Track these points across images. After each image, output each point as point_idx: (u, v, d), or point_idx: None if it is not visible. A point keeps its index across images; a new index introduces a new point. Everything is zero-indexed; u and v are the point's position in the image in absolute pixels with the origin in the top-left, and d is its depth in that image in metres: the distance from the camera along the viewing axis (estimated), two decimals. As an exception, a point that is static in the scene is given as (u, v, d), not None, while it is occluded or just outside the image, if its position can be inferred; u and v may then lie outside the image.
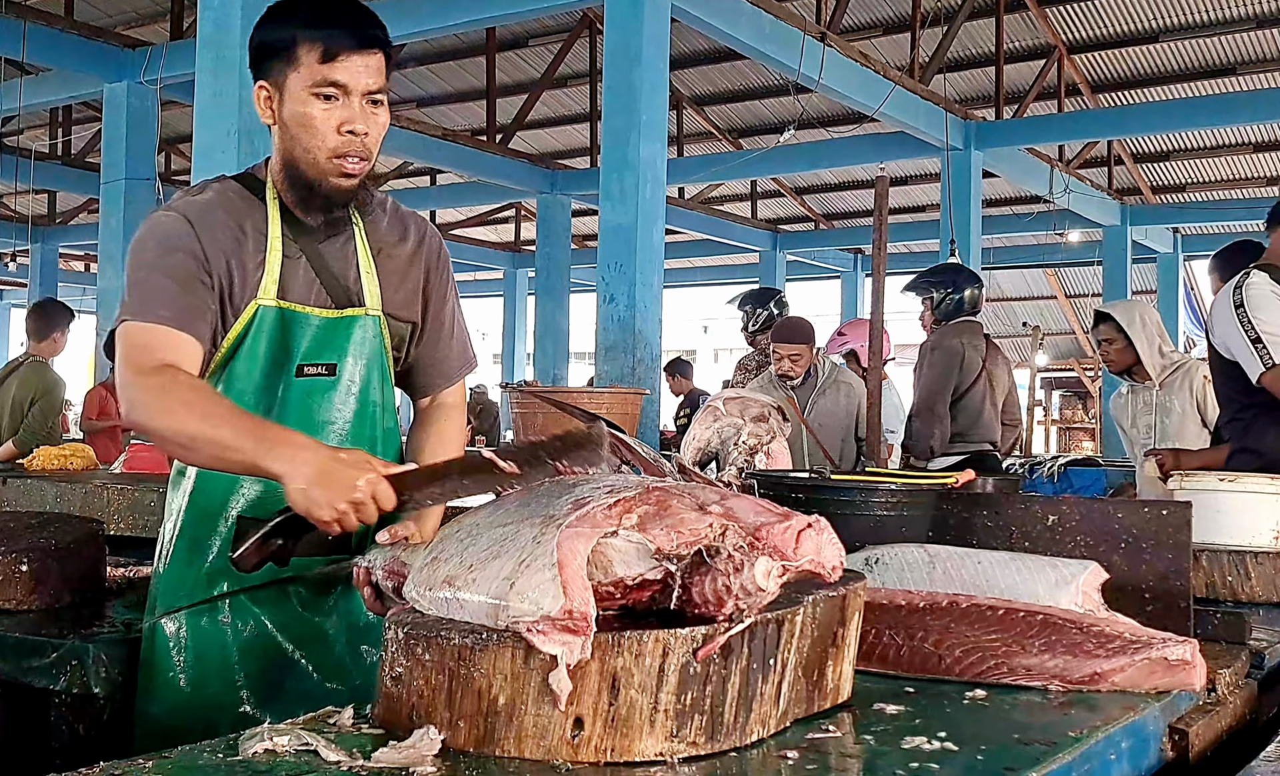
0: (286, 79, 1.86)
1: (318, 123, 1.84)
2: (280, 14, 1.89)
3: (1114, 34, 13.29)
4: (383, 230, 2.04)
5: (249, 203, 1.95)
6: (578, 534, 1.23)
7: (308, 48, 1.83)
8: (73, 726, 2.02)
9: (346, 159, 1.86)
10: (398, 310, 2.03)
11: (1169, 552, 1.78)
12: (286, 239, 1.94)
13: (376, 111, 1.89)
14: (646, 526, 1.26)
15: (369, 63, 1.86)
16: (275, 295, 1.92)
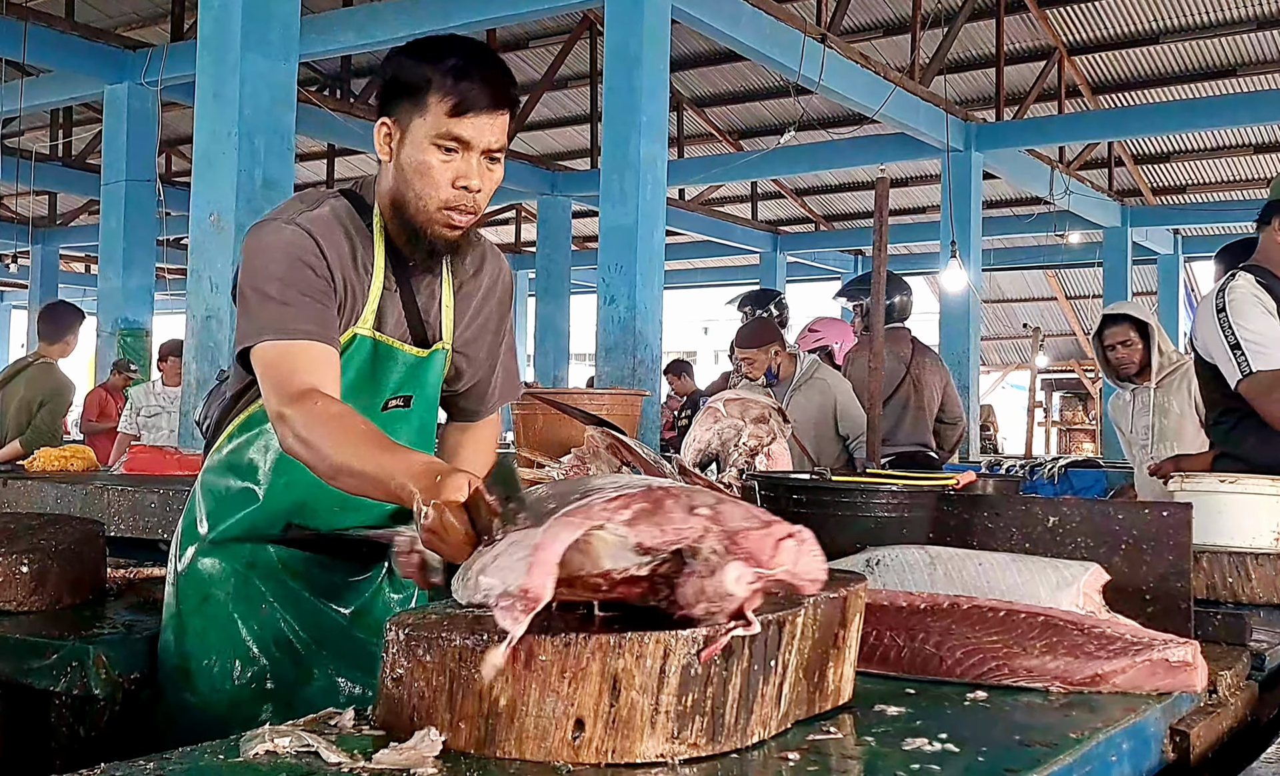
0: (411, 122, 1.82)
1: (435, 173, 1.82)
2: (418, 54, 1.85)
3: (1114, 35, 13.30)
4: (463, 265, 2.04)
5: (358, 227, 1.94)
6: (567, 522, 1.24)
7: (439, 98, 1.80)
8: (73, 727, 2.02)
9: (456, 212, 1.84)
10: (465, 346, 2.05)
11: (1170, 554, 1.78)
12: (388, 271, 1.94)
13: (493, 168, 1.86)
14: (636, 523, 1.26)
15: (496, 122, 1.83)
16: (373, 326, 1.93)
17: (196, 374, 6.10)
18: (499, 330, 2.13)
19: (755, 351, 5.47)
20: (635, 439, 3.29)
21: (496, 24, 11.25)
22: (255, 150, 6.03)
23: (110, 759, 1.15)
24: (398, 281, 1.96)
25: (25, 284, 19.40)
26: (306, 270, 1.83)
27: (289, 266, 1.83)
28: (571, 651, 1.16)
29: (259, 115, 6.05)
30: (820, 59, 9.52)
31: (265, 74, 6.08)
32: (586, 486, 1.35)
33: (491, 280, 2.09)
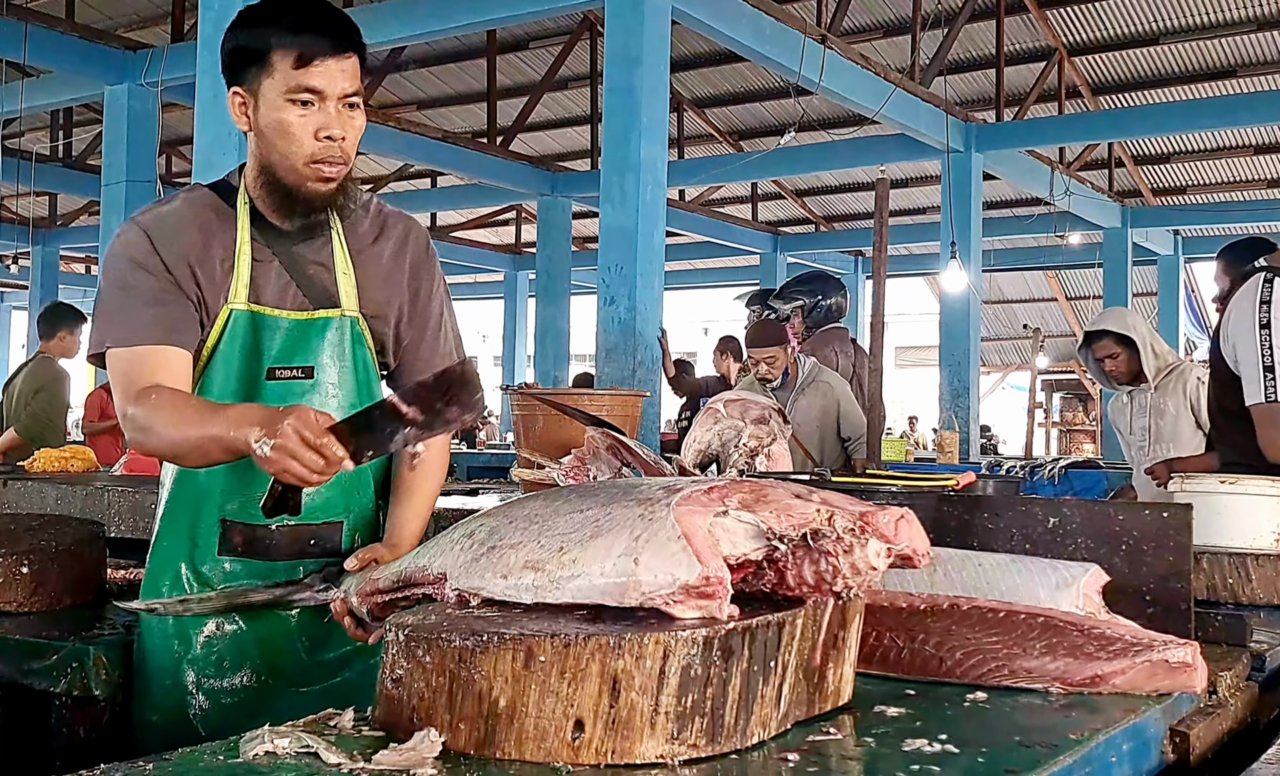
0: (261, 85, 1.85)
1: (294, 129, 1.84)
2: (253, 20, 1.88)
3: (1114, 36, 13.29)
4: (362, 230, 2.03)
5: (217, 209, 1.95)
6: (693, 510, 1.27)
7: (282, 54, 1.82)
8: (73, 728, 2.02)
9: (324, 164, 1.85)
10: (378, 310, 2.01)
11: (1170, 555, 1.78)
12: (256, 243, 1.94)
13: (353, 114, 1.87)
14: (754, 508, 1.31)
15: (344, 67, 1.84)
16: (246, 298, 1.92)
17: (197, 375, 6.09)
18: (418, 293, 2.07)
19: (776, 350, 5.43)
20: (635, 439, 3.29)
21: (496, 24, 11.26)
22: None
23: (110, 759, 1.15)
24: (274, 251, 1.95)
25: (26, 285, 19.39)
26: (141, 272, 1.87)
27: (126, 271, 1.88)
28: (571, 652, 1.16)
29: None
30: (820, 60, 9.52)
31: (266, 75, 6.08)
32: (663, 484, 1.38)
33: (398, 243, 2.06)
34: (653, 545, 1.25)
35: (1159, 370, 4.79)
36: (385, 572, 1.61)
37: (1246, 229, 15.54)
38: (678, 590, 1.22)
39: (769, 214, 19.04)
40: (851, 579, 1.32)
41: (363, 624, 1.68)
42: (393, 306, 2.04)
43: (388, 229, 2.06)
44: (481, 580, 1.35)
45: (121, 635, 2.12)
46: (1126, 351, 4.80)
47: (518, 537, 1.37)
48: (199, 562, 1.95)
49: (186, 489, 1.96)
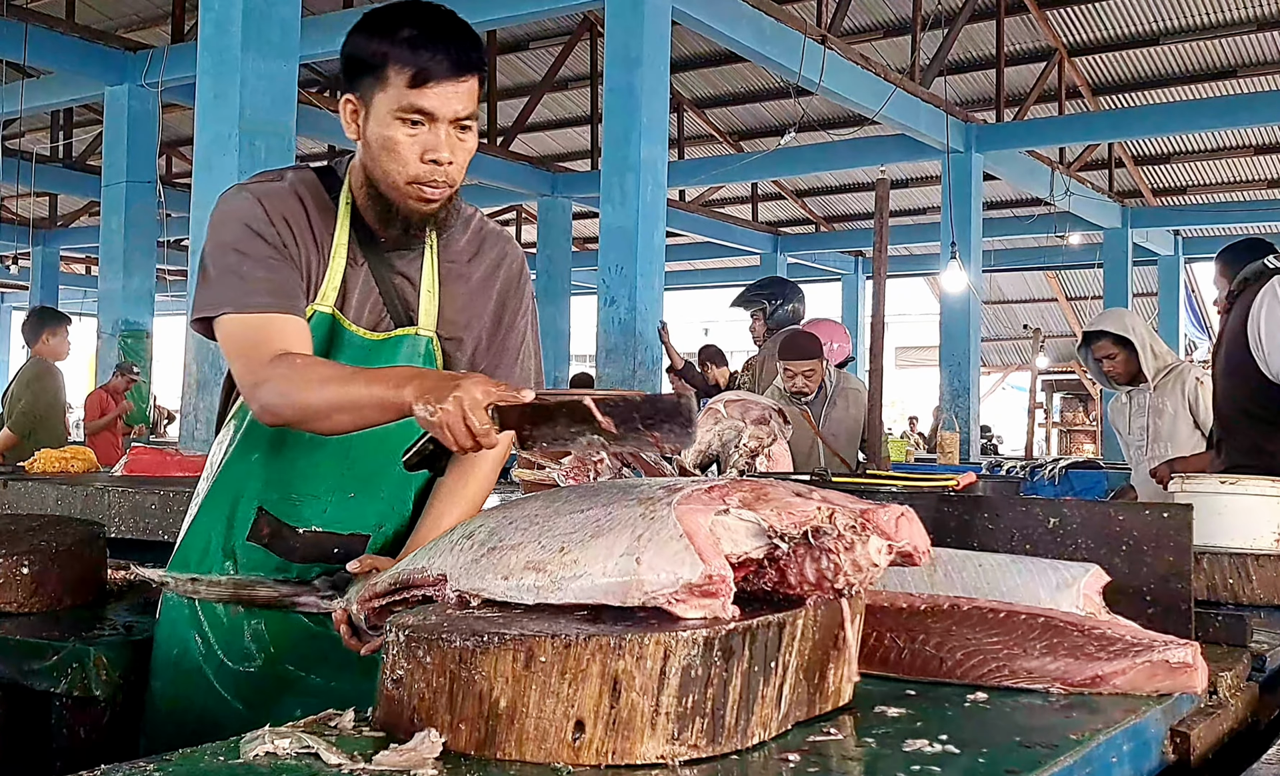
0: (374, 98, 1.77)
1: (401, 148, 1.77)
2: (373, 27, 1.79)
3: (1115, 36, 13.30)
4: (457, 248, 1.97)
5: (320, 200, 1.90)
6: (694, 509, 1.27)
7: (398, 70, 1.74)
8: (73, 729, 2.02)
9: (427, 186, 1.79)
10: (456, 332, 1.96)
11: (1170, 555, 1.78)
12: (353, 247, 1.89)
13: (464, 138, 1.80)
14: (755, 507, 1.31)
15: (460, 89, 1.76)
16: (334, 303, 1.87)
17: (196, 376, 6.10)
18: (501, 319, 2.01)
19: (816, 362, 5.35)
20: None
21: (497, 25, 11.26)
22: (256, 151, 6.03)
23: (111, 760, 1.15)
24: (366, 258, 1.90)
25: (26, 285, 19.41)
26: (257, 239, 1.81)
27: (242, 235, 1.81)
28: (572, 652, 1.16)
29: (259, 116, 6.06)
30: (820, 60, 9.52)
31: (266, 75, 6.09)
32: (662, 484, 1.38)
33: (492, 265, 2.00)
34: (655, 544, 1.25)
35: (1158, 371, 4.79)
36: (384, 576, 1.61)
37: (1246, 229, 15.54)
38: (680, 589, 1.22)
39: (769, 214, 19.05)
40: (853, 576, 1.32)
41: (360, 634, 1.67)
42: (471, 330, 1.98)
43: (484, 249, 2.01)
44: (482, 581, 1.35)
45: (122, 635, 2.12)
46: (1125, 352, 4.81)
47: (518, 538, 1.37)
48: (232, 541, 1.93)
49: (235, 473, 1.94)
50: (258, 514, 1.92)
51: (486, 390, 1.52)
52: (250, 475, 1.93)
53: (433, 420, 1.52)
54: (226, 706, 1.91)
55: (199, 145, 6.23)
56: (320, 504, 1.93)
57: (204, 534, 1.96)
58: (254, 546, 1.92)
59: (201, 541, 1.96)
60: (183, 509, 2.69)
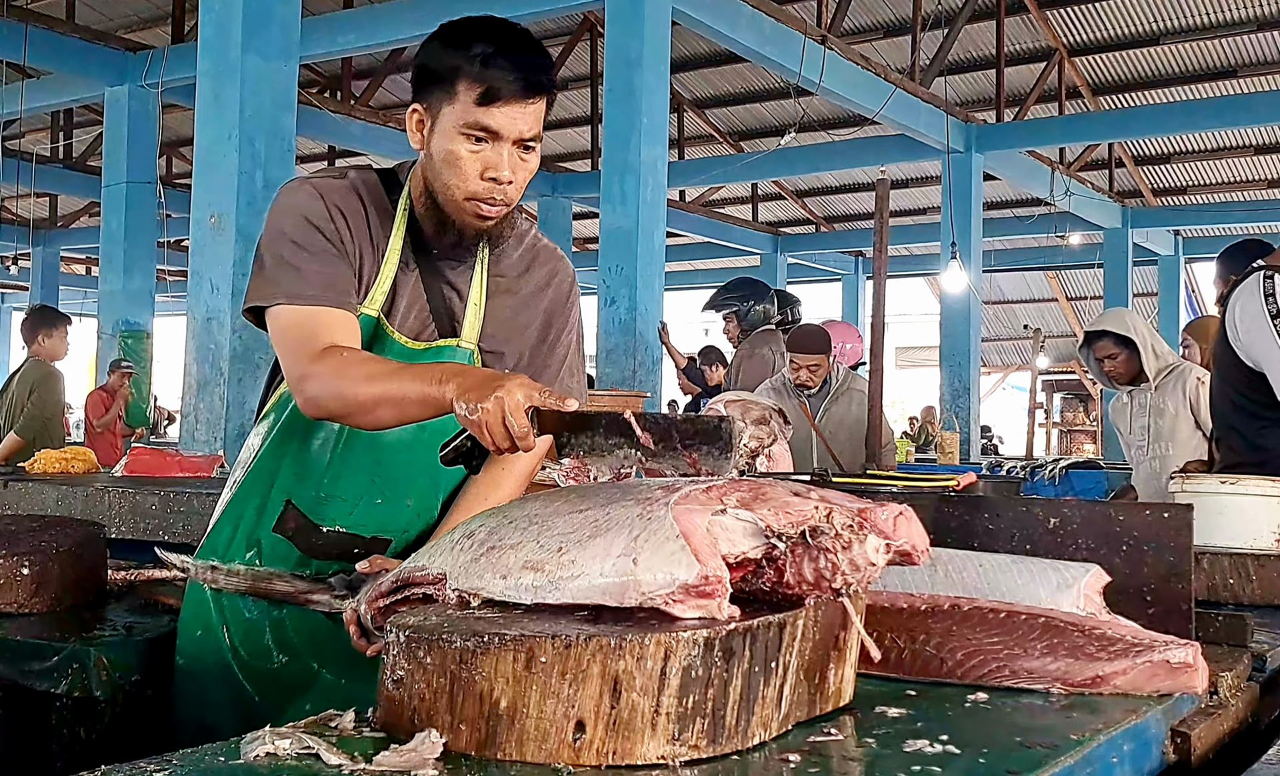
0: (441, 110, 1.77)
1: (463, 164, 1.77)
2: (448, 39, 1.79)
3: (1115, 36, 13.31)
4: (508, 262, 1.97)
5: (380, 202, 1.90)
6: (691, 509, 1.27)
7: (468, 85, 1.74)
8: (74, 730, 2.02)
9: (484, 203, 1.79)
10: (498, 347, 1.96)
11: (1170, 555, 1.78)
12: (406, 254, 1.89)
13: (527, 157, 1.80)
14: (753, 507, 1.30)
15: (528, 110, 1.76)
16: (380, 307, 1.88)
17: (197, 375, 6.10)
18: (545, 338, 2.01)
19: (823, 357, 5.34)
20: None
21: (497, 26, 11.24)
22: (256, 152, 6.04)
23: (111, 761, 1.15)
24: (419, 265, 1.90)
25: (26, 286, 19.42)
26: (316, 233, 1.81)
27: (300, 228, 1.82)
28: (572, 653, 1.16)
29: (259, 117, 6.06)
30: (821, 60, 9.52)
31: (266, 76, 6.09)
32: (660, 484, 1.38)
33: (542, 282, 2.00)
34: (651, 544, 1.25)
35: (1159, 370, 4.79)
36: (387, 576, 1.61)
37: (1247, 229, 15.54)
38: (677, 589, 1.22)
39: (769, 214, 19.06)
40: (851, 575, 1.32)
41: (368, 634, 1.68)
42: (514, 345, 1.98)
43: (535, 266, 2.01)
44: (481, 580, 1.35)
45: (122, 636, 2.12)
46: (1126, 352, 4.81)
47: (517, 538, 1.37)
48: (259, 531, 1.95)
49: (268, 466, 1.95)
50: (285, 506, 1.94)
51: (529, 393, 1.52)
52: (283, 469, 1.94)
53: (472, 418, 1.53)
54: (245, 695, 1.93)
55: (199, 145, 6.23)
56: (347, 506, 1.94)
57: (233, 520, 1.97)
58: (279, 538, 1.94)
59: (230, 527, 1.97)
60: (183, 509, 2.71)
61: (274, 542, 1.95)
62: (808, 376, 5.36)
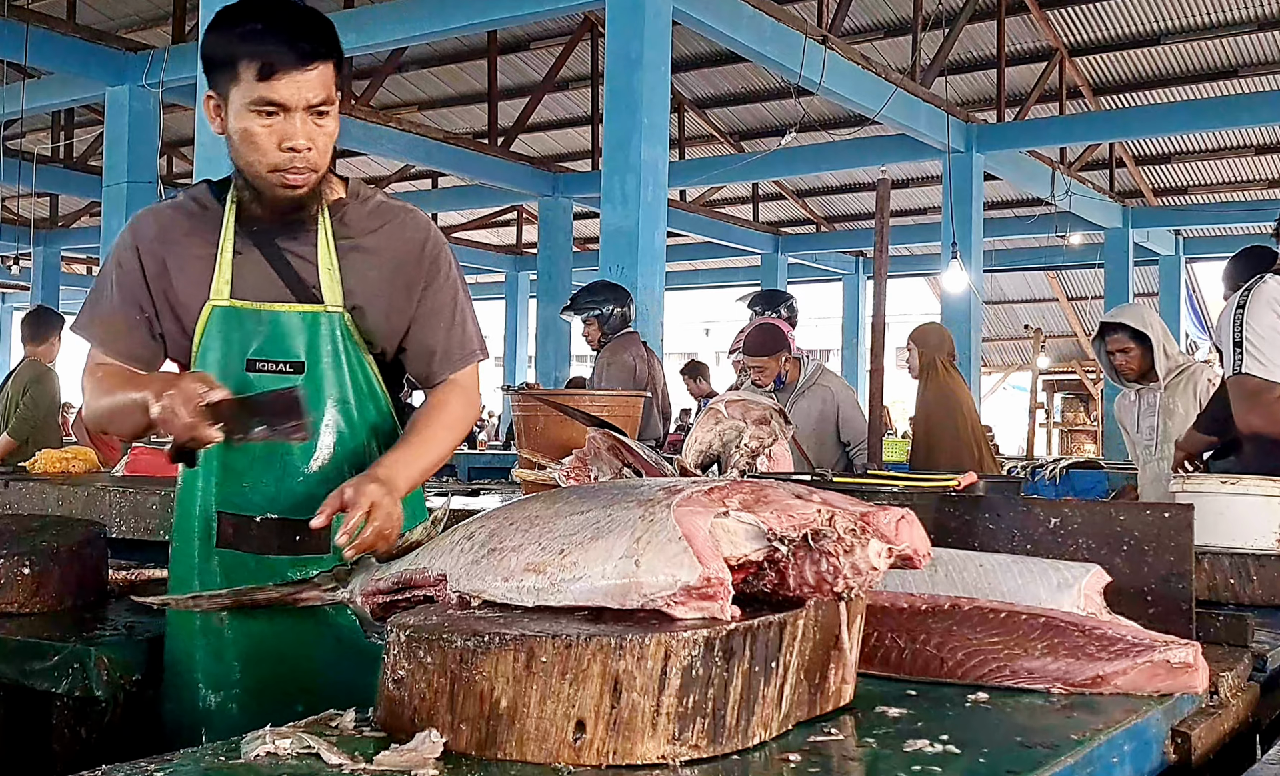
0: (230, 92, 1.85)
1: (259, 139, 1.84)
2: (223, 24, 1.87)
3: (1115, 36, 13.30)
4: (355, 224, 2.01)
5: (208, 206, 2.01)
6: (693, 511, 1.27)
7: (246, 64, 1.81)
8: (74, 729, 2.02)
9: (288, 173, 1.87)
10: (365, 302, 1.99)
11: (1171, 555, 1.78)
12: (240, 236, 1.96)
13: (322, 122, 1.87)
14: (755, 509, 1.30)
15: (309, 77, 1.83)
16: (227, 294, 1.95)
17: (198, 375, 6.10)
18: (410, 292, 2.03)
19: (768, 360, 5.45)
20: (636, 440, 3.29)
21: (497, 25, 11.26)
22: (256, 152, 6.04)
23: (112, 760, 1.15)
24: (256, 244, 1.96)
25: (27, 286, 19.41)
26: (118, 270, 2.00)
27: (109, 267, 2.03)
28: (572, 653, 1.17)
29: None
30: (821, 60, 9.52)
31: (266, 76, 6.09)
32: (663, 485, 1.38)
33: (392, 236, 2.03)
34: (654, 546, 1.25)
35: (1169, 370, 4.79)
36: (386, 573, 1.61)
37: (1247, 229, 15.53)
38: (679, 591, 1.22)
39: (770, 214, 19.04)
40: (852, 579, 1.32)
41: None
42: (378, 302, 2.00)
43: (381, 224, 2.04)
44: (482, 582, 1.35)
45: (123, 635, 2.12)
46: (1140, 348, 4.79)
47: (518, 540, 1.37)
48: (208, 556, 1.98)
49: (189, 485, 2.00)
50: (219, 520, 1.97)
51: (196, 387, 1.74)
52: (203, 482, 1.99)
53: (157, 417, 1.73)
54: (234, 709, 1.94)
55: (200, 146, 6.25)
56: (269, 490, 1.96)
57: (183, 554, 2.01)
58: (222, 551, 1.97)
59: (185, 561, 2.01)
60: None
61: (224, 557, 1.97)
62: (756, 376, 5.51)
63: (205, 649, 1.96)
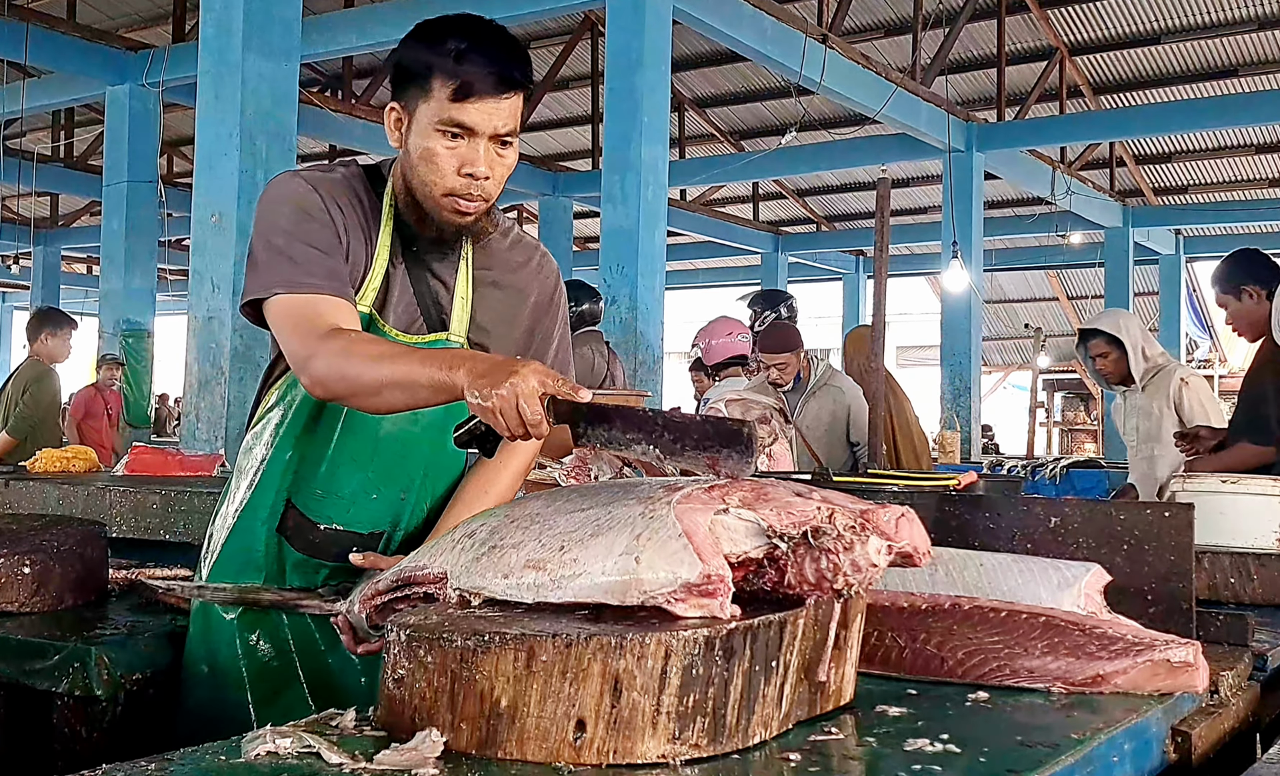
0: (417, 107, 1.79)
1: (440, 160, 1.78)
2: (422, 37, 1.80)
3: (1115, 35, 13.30)
4: (496, 256, 1.98)
5: (370, 199, 1.91)
6: (694, 508, 1.28)
7: (442, 82, 1.75)
8: (75, 729, 2.02)
9: (462, 199, 1.81)
10: (486, 339, 1.97)
11: (1171, 554, 1.78)
12: (394, 249, 1.90)
13: (504, 153, 1.82)
14: (755, 507, 1.31)
15: (502, 106, 1.77)
16: (372, 303, 1.88)
17: (198, 375, 6.10)
18: (534, 330, 2.02)
19: (789, 356, 5.44)
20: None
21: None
22: (257, 151, 6.03)
23: (112, 760, 1.15)
24: (405, 261, 1.91)
25: (27, 285, 19.42)
26: (310, 221, 1.81)
27: (295, 219, 1.81)
28: (573, 652, 1.17)
29: (260, 116, 6.06)
30: (821, 60, 9.52)
31: (267, 75, 6.09)
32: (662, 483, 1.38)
33: (528, 277, 2.01)
34: (654, 543, 1.25)
35: (1145, 372, 4.86)
36: (385, 574, 1.61)
37: (1247, 228, 15.54)
38: (679, 588, 1.22)
39: (770, 214, 19.05)
40: (852, 576, 1.32)
41: (361, 635, 1.68)
42: (502, 339, 1.99)
43: (520, 260, 2.02)
44: (483, 579, 1.35)
45: (123, 635, 2.12)
46: (1117, 352, 4.87)
47: (519, 537, 1.37)
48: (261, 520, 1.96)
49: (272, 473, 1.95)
50: (285, 506, 1.95)
51: (542, 380, 1.51)
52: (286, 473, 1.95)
53: (486, 405, 1.51)
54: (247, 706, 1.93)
55: (200, 145, 6.23)
56: (344, 502, 1.95)
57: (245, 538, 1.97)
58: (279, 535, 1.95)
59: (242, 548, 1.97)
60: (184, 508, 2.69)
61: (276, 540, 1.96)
62: (777, 374, 5.47)
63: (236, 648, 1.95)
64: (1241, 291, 4.26)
